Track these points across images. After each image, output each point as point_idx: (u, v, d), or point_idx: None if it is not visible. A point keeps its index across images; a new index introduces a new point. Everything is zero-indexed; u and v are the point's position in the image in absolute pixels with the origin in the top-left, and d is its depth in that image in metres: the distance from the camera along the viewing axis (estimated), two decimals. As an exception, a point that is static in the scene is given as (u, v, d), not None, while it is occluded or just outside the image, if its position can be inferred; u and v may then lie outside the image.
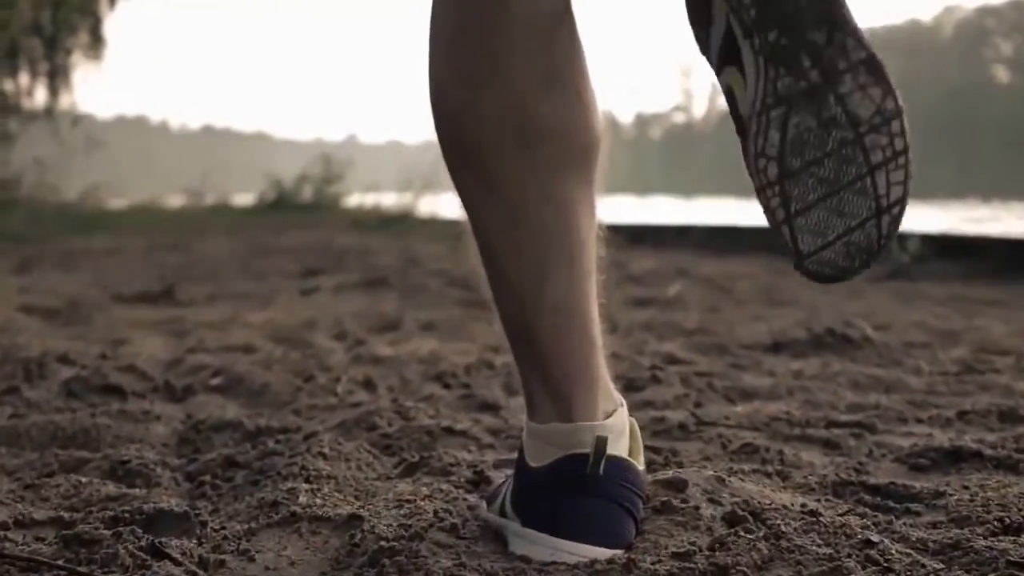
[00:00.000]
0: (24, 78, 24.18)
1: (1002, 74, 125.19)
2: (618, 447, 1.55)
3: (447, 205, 15.37)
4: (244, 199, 19.46)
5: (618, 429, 1.57)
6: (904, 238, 7.90)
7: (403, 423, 2.25)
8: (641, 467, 1.59)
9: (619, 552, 1.47)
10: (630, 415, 1.65)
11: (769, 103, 1.42)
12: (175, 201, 20.38)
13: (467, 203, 1.60)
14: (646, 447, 1.76)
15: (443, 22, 1.53)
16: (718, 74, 1.49)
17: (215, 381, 2.82)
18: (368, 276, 6.64)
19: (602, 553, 1.46)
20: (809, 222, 1.46)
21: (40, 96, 23.94)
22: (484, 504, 1.68)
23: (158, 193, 21.76)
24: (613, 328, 4.37)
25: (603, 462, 1.51)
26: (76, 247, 10.55)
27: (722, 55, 1.47)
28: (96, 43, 24.54)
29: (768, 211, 1.48)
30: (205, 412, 2.47)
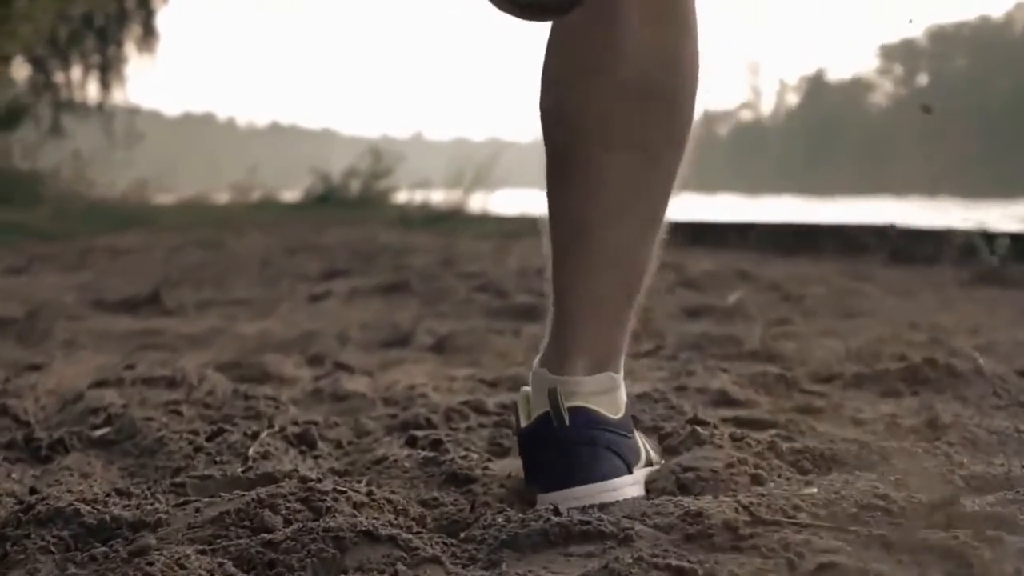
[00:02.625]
0: (77, 71, 23.86)
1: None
2: (589, 401, 1.65)
3: (498, 201, 14.75)
4: (296, 195, 18.86)
5: (593, 388, 1.66)
6: (992, 237, 7.12)
7: (307, 518, 1.49)
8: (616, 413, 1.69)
9: (604, 484, 1.62)
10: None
11: None
12: (223, 197, 19.82)
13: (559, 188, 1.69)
14: (672, 554, 1.39)
15: None
16: None
17: (100, 432, 2.08)
18: (390, 280, 5.91)
19: (579, 492, 1.61)
20: None
21: (93, 90, 23.61)
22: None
23: (206, 189, 21.21)
24: (658, 346, 3.62)
25: (566, 414, 1.62)
26: (99, 244, 9.91)
27: None
28: (149, 36, 24.12)
29: None
30: (54, 486, 1.74)
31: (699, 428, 1.91)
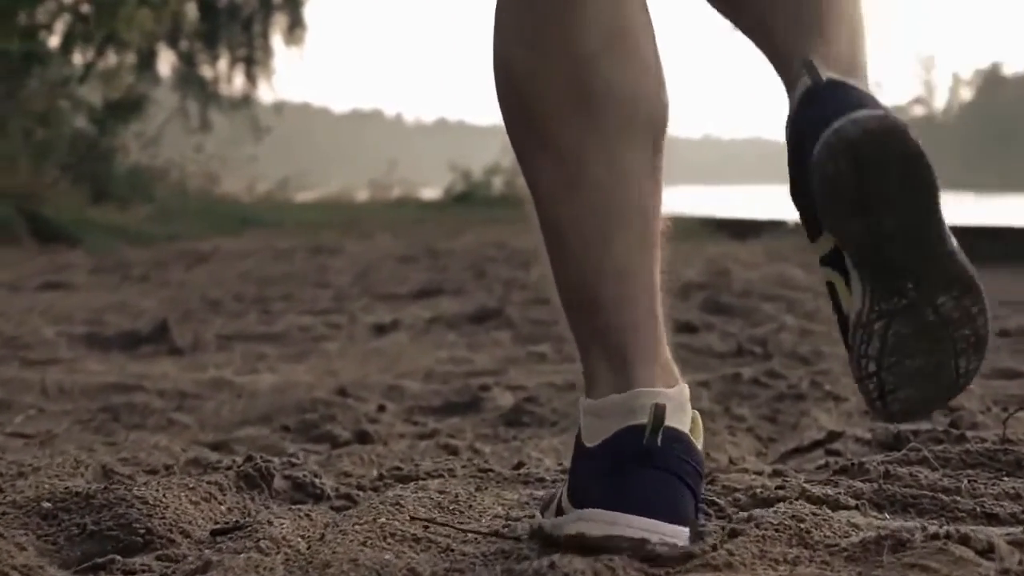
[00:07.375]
0: (223, 64, 23.18)
1: None
2: (677, 421, 1.44)
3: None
4: (437, 193, 17.97)
5: (678, 400, 1.45)
6: None
7: None
8: (699, 447, 1.47)
9: (680, 528, 1.37)
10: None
11: (872, 317, 1.40)
12: (363, 195, 18.99)
13: (529, 169, 1.53)
14: None
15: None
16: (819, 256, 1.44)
17: None
18: (485, 304, 4.67)
19: (663, 528, 1.36)
20: (898, 396, 1.43)
21: (239, 83, 22.93)
22: (538, 514, 1.59)
23: (348, 186, 20.42)
24: (861, 463, 2.33)
25: (661, 432, 1.41)
26: (199, 248, 8.88)
27: (829, 259, 1.43)
28: (296, 28, 23.34)
29: (864, 391, 1.44)
30: None
31: None
